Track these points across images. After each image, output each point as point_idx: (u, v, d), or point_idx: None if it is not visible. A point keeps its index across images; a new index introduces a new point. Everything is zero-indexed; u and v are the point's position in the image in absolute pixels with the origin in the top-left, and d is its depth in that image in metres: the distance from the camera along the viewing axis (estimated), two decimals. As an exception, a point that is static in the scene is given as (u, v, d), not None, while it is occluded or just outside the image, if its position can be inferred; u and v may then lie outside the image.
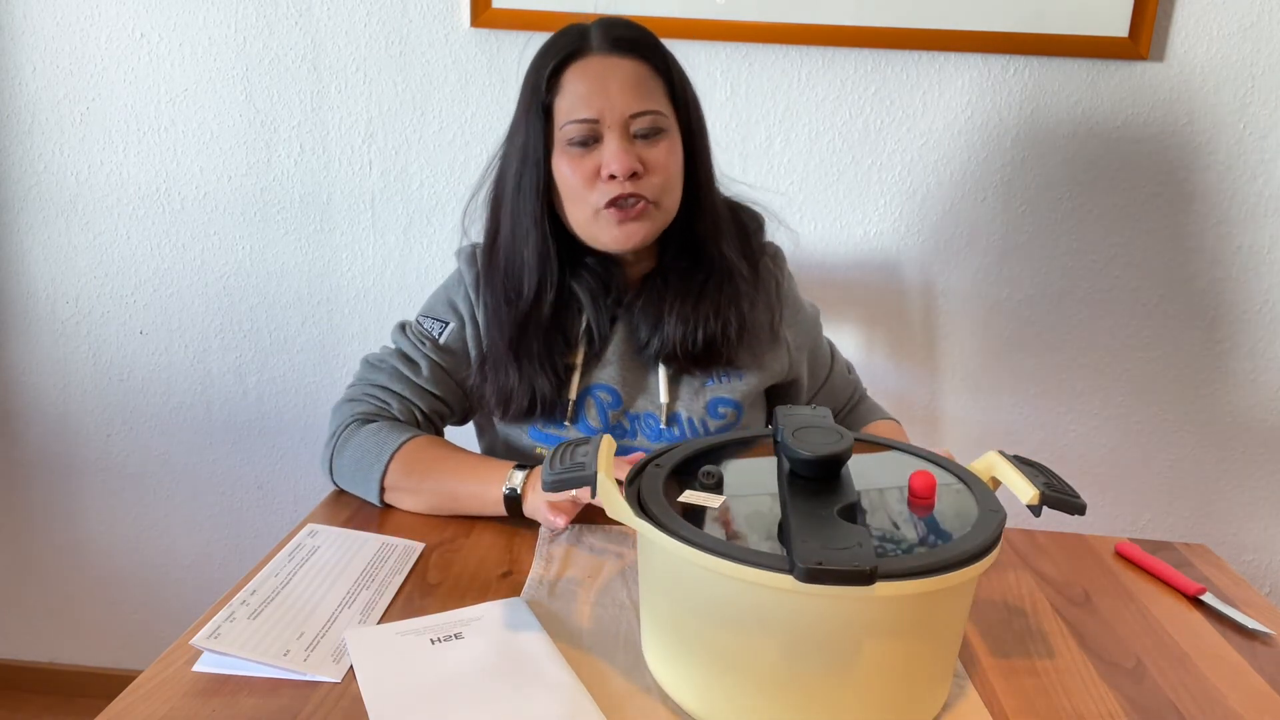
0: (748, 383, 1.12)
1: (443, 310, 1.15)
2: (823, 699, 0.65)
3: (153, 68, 1.57)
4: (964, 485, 0.76)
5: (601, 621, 0.82)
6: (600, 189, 1.01)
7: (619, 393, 1.10)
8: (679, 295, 1.07)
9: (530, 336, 1.07)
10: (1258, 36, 1.44)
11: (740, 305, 1.09)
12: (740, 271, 1.10)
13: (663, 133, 1.03)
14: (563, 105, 1.02)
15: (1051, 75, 1.48)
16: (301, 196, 1.61)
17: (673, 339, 1.07)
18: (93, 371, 1.73)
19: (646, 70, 1.03)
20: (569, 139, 1.02)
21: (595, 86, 1.00)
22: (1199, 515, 1.65)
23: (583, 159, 1.02)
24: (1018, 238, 1.55)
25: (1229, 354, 1.58)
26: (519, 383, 1.06)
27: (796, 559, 0.59)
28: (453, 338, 1.13)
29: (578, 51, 1.02)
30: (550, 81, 1.02)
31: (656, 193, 1.03)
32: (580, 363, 1.09)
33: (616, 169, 0.99)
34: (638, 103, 1.01)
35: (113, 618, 1.88)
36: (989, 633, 0.84)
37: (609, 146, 1.00)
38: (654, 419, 1.10)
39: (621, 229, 1.03)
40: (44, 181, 1.64)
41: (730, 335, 1.08)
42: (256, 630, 0.77)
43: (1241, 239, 1.53)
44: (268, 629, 0.77)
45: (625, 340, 1.11)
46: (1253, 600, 0.94)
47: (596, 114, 1.00)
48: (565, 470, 0.73)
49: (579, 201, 1.03)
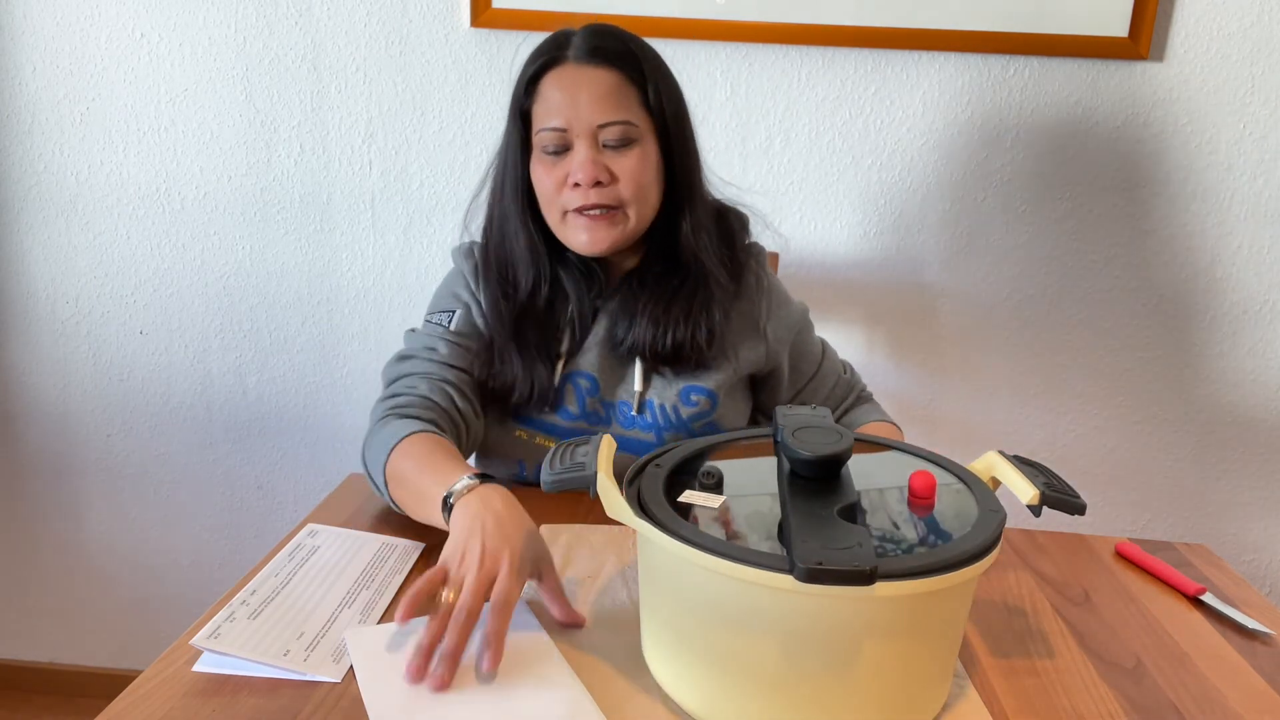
0: (723, 372, 1.13)
1: (448, 302, 1.17)
2: (823, 699, 0.65)
3: (153, 68, 1.57)
4: (964, 485, 0.76)
5: (601, 621, 0.82)
6: (568, 195, 1.05)
7: (597, 380, 1.12)
8: (653, 297, 1.10)
9: (529, 327, 1.10)
10: (1258, 36, 1.44)
11: (712, 311, 1.10)
12: (717, 278, 1.12)
13: (633, 143, 1.05)
14: (538, 112, 1.06)
15: (1051, 75, 1.48)
16: (301, 196, 1.62)
17: (643, 339, 1.09)
18: (93, 371, 1.73)
19: (619, 80, 1.04)
20: (542, 145, 1.05)
21: (566, 97, 1.03)
22: (1199, 515, 1.65)
23: (554, 166, 1.05)
24: (1018, 238, 1.55)
25: (1229, 354, 1.58)
26: (521, 372, 1.09)
27: (796, 559, 0.59)
28: (462, 322, 1.14)
29: (555, 60, 1.05)
30: (529, 88, 1.06)
31: (623, 200, 1.05)
32: (564, 350, 1.12)
33: (581, 177, 1.03)
34: (607, 113, 1.03)
35: (113, 618, 1.88)
36: (989, 633, 0.84)
37: (576, 155, 1.04)
38: (627, 406, 1.13)
39: (588, 234, 1.06)
40: (44, 181, 1.64)
41: (699, 340, 1.09)
42: (256, 630, 0.77)
43: (1241, 239, 1.53)
44: (267, 629, 0.77)
45: (606, 330, 1.13)
46: (1253, 600, 0.94)
47: (565, 123, 1.03)
48: (565, 470, 0.73)
49: (550, 205, 1.07)
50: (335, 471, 1.72)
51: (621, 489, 0.72)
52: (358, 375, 1.69)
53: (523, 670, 0.73)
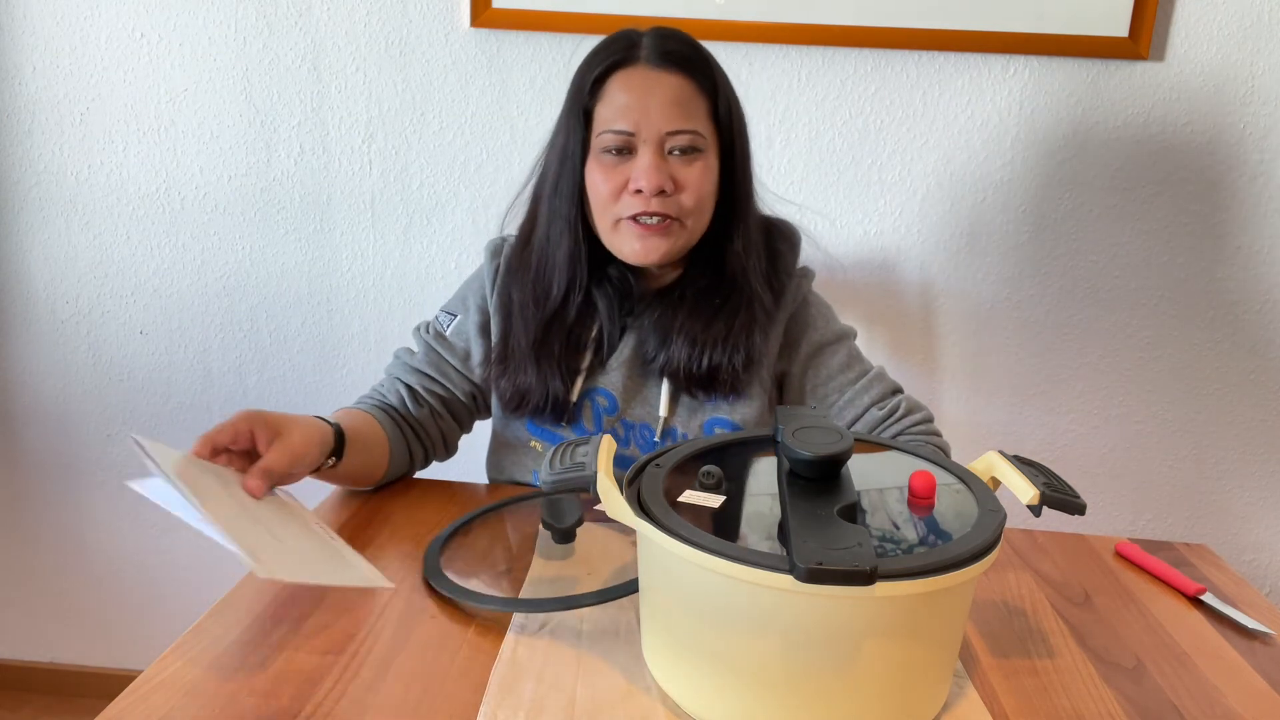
0: (751, 407, 1.09)
1: (456, 304, 1.17)
2: (822, 699, 0.65)
3: (153, 68, 1.57)
4: (964, 485, 0.76)
5: (601, 622, 0.82)
6: (626, 201, 1.01)
7: (616, 400, 1.10)
8: (691, 315, 1.06)
9: (553, 338, 1.07)
10: (1258, 36, 1.44)
11: (753, 334, 1.06)
12: (762, 301, 1.07)
13: (699, 153, 1.02)
14: (603, 112, 1.01)
15: (1051, 75, 1.48)
16: (301, 196, 1.62)
17: (678, 359, 1.05)
18: (93, 371, 1.73)
19: (692, 88, 1.01)
20: (604, 146, 1.01)
21: (636, 99, 1.00)
22: (1199, 515, 1.66)
23: (614, 168, 1.01)
24: (1018, 238, 1.55)
25: (1229, 354, 1.58)
26: (535, 382, 1.06)
27: (796, 559, 0.59)
28: (456, 331, 1.14)
29: (625, 60, 1.01)
30: (594, 86, 1.02)
31: (683, 212, 1.02)
32: (585, 366, 1.09)
33: (645, 184, 0.99)
34: (677, 121, 1.00)
35: (113, 618, 1.88)
36: (989, 633, 0.84)
37: (641, 161, 1.00)
38: (649, 430, 1.10)
39: (641, 244, 1.02)
40: (44, 181, 1.64)
41: (736, 364, 1.05)
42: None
43: (1241, 239, 1.53)
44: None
45: (633, 349, 1.10)
46: (1253, 600, 0.94)
47: (633, 127, 0.99)
48: (565, 470, 0.73)
49: (604, 210, 1.03)
50: (335, 471, 1.72)
51: (621, 489, 0.72)
52: (358, 375, 1.69)
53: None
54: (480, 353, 1.14)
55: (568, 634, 0.80)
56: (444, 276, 1.63)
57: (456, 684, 0.73)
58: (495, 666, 0.75)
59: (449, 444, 1.18)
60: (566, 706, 0.70)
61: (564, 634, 0.80)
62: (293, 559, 0.78)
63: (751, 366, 1.07)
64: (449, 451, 1.18)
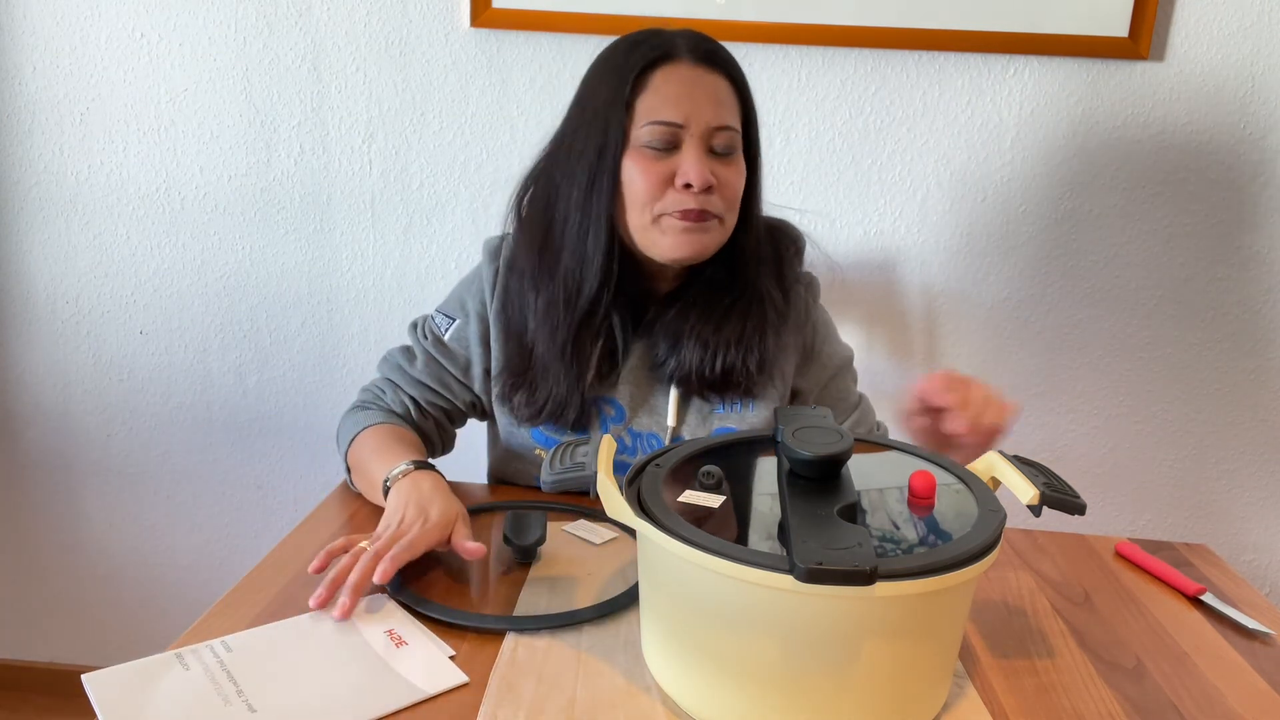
0: (759, 415, 1.09)
1: (454, 307, 1.14)
2: (822, 699, 0.65)
3: (153, 68, 1.57)
4: (964, 485, 0.76)
5: (601, 622, 0.82)
6: (671, 197, 0.98)
7: (624, 408, 1.09)
8: (703, 318, 1.05)
9: (585, 340, 1.04)
10: (1258, 36, 1.44)
11: (765, 336, 1.05)
12: (773, 302, 1.07)
13: (735, 152, 1.02)
14: (646, 105, 0.98)
15: (1051, 75, 1.48)
16: (301, 196, 1.62)
17: (689, 363, 1.04)
18: (93, 371, 1.73)
19: (728, 88, 1.01)
20: (646, 140, 0.98)
21: (685, 91, 0.98)
22: (1199, 515, 1.66)
23: (655, 162, 0.98)
24: (1018, 238, 1.55)
25: (1229, 354, 1.58)
26: (567, 387, 1.03)
27: (796, 559, 0.59)
28: (456, 336, 1.12)
29: (668, 55, 1.00)
30: (637, 80, 0.99)
31: (722, 210, 1.01)
32: (593, 375, 1.07)
33: (695, 179, 0.96)
34: (723, 117, 0.99)
35: (113, 618, 1.88)
36: (989, 633, 0.84)
37: (688, 155, 0.98)
38: (657, 440, 1.09)
39: (683, 237, 0.99)
40: (44, 181, 1.64)
41: (750, 366, 1.04)
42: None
43: (1241, 239, 1.53)
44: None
45: (641, 357, 1.09)
46: (1253, 600, 0.94)
47: (683, 119, 0.98)
48: (565, 470, 0.73)
49: (643, 205, 0.99)
50: (335, 471, 1.70)
51: (621, 489, 0.72)
52: (358, 375, 1.69)
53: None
54: (481, 364, 1.12)
55: (568, 634, 0.80)
56: (444, 276, 1.63)
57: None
58: (495, 666, 0.75)
59: (447, 447, 1.19)
60: (566, 706, 0.70)
61: (564, 634, 0.80)
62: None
63: (764, 368, 1.06)
64: (445, 452, 1.19)
